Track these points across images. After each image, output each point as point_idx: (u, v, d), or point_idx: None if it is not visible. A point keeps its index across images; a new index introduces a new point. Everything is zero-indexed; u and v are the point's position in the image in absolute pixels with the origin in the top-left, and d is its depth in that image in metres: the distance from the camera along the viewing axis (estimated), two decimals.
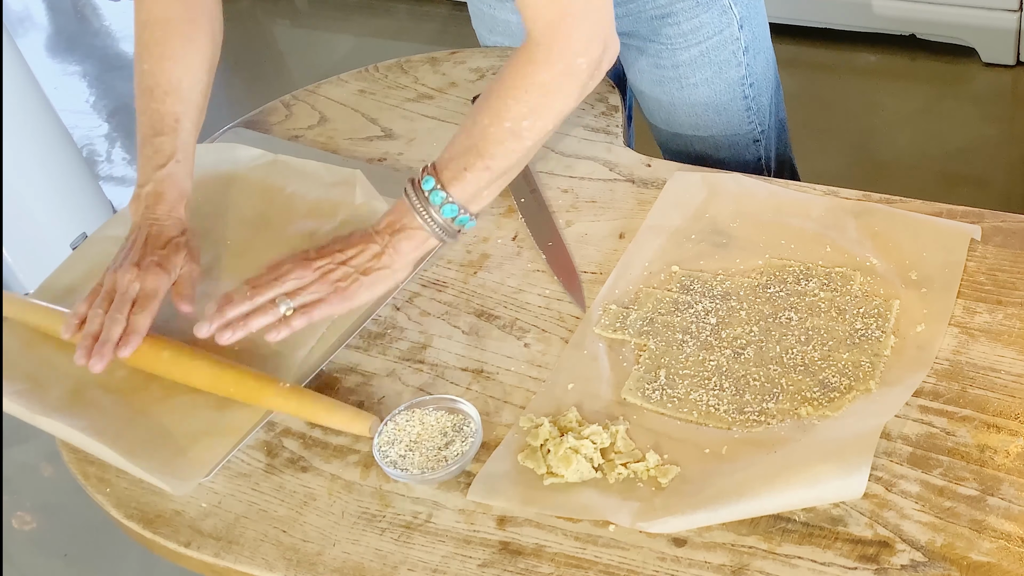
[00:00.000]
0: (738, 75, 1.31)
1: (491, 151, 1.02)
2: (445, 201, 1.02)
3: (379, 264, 1.03)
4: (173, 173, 1.13)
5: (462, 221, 1.03)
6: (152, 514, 0.97)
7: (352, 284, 1.02)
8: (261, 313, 1.02)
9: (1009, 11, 2.44)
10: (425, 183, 1.02)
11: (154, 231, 1.11)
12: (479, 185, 1.03)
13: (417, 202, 1.03)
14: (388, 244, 1.03)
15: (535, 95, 1.01)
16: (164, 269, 1.08)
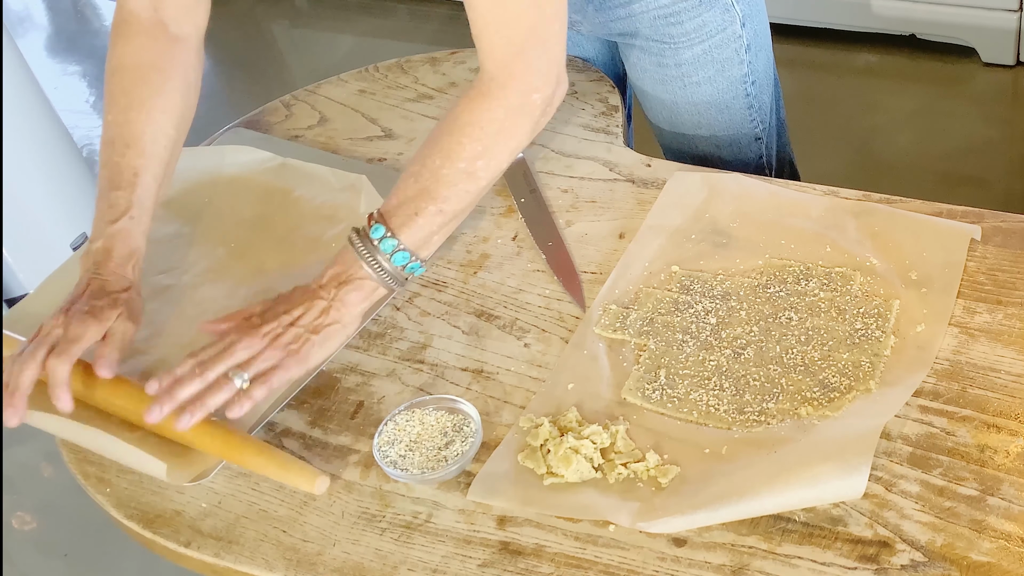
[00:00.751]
0: (740, 73, 1.31)
1: (443, 193, 1.00)
2: (396, 248, 1.00)
3: (328, 320, 0.99)
4: (124, 229, 1.08)
5: (412, 268, 1.01)
6: (152, 514, 0.97)
7: (304, 345, 0.98)
8: (216, 390, 0.96)
9: (1009, 11, 2.44)
10: (374, 231, 1.00)
11: (95, 285, 1.05)
12: (430, 230, 1.01)
13: (365, 251, 1.00)
14: (334, 298, 1.00)
15: (489, 133, 1.00)
16: (94, 317, 1.01)
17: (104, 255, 1.07)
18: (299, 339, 0.98)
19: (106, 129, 1.13)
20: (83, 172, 2.47)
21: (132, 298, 1.06)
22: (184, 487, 0.98)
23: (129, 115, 1.12)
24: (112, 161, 1.11)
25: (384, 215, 1.01)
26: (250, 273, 1.16)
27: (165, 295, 1.16)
